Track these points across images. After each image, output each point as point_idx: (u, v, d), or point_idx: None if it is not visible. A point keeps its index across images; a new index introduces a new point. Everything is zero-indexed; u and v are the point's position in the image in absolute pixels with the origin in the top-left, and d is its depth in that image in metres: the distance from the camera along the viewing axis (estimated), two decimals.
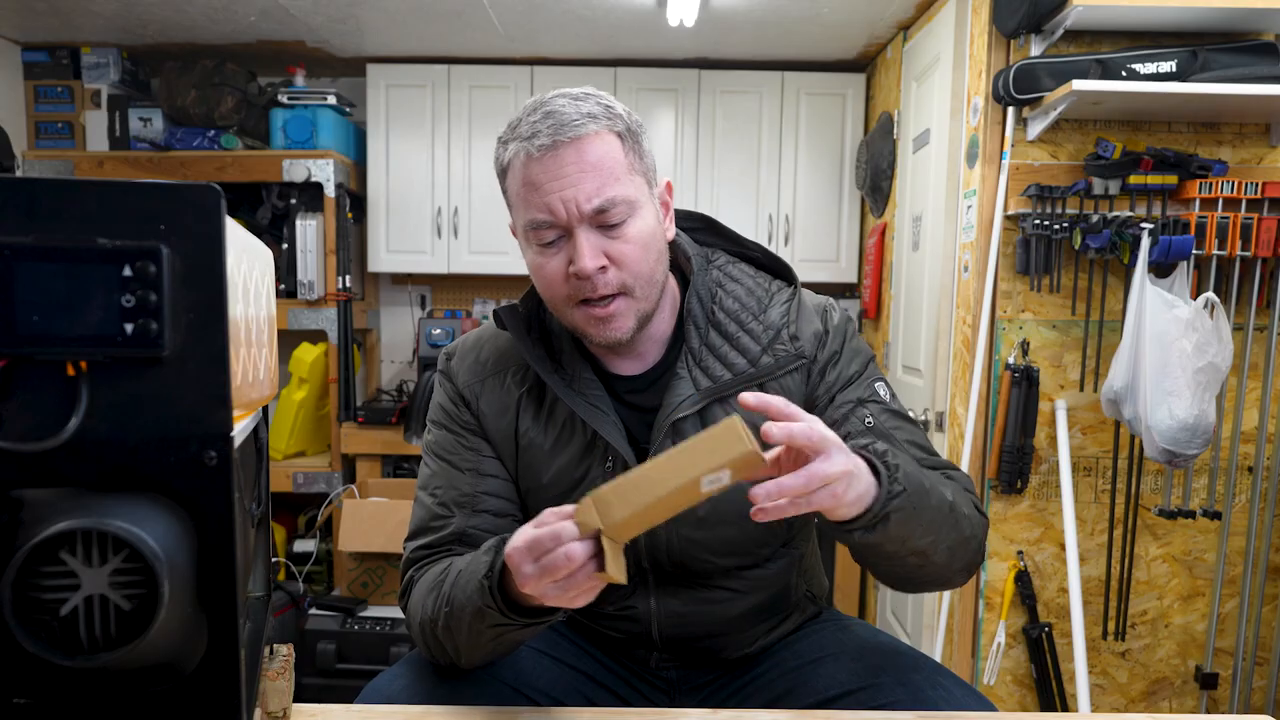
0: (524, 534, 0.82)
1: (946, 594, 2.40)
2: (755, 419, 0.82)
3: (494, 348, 1.14)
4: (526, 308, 1.12)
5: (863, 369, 1.11)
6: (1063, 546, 2.23)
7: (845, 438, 1.04)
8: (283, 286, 3.16)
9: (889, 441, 1.03)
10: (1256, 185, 2.08)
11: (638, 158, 1.02)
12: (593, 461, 1.06)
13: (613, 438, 1.04)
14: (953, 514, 0.96)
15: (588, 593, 0.81)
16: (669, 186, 1.09)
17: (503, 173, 1.03)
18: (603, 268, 0.98)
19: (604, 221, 0.98)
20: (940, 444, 2.50)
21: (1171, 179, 2.09)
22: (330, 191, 3.12)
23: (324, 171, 3.10)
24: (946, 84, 2.47)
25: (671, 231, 1.09)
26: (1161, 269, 2.09)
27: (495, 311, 1.09)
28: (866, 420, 1.06)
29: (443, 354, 1.17)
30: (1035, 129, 2.16)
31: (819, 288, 1.17)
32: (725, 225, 1.17)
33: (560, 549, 0.79)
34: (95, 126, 3.17)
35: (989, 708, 1.00)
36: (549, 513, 0.83)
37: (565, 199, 0.96)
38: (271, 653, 0.88)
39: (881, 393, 1.10)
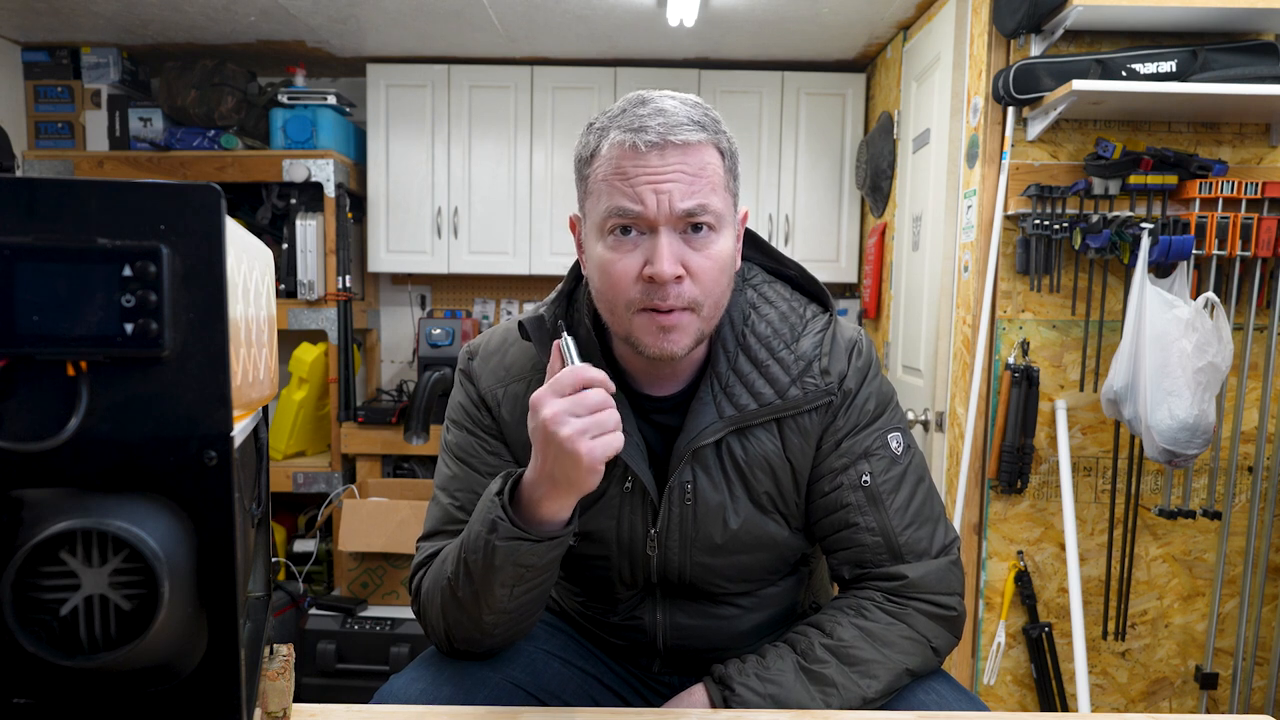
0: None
1: None
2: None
3: (518, 352, 1.10)
4: (553, 314, 1.06)
5: (878, 414, 1.07)
6: (1063, 546, 2.23)
7: (836, 490, 1.05)
8: (283, 286, 3.16)
9: (876, 507, 1.04)
10: (1256, 185, 2.08)
11: (732, 178, 1.00)
12: (611, 481, 1.04)
13: (634, 461, 1.02)
14: (827, 694, 0.99)
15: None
16: (745, 216, 1.05)
17: (588, 158, 0.98)
18: (679, 278, 0.94)
19: (690, 230, 0.95)
20: (940, 444, 2.50)
21: (1171, 179, 2.09)
22: (330, 191, 3.12)
23: (324, 171, 3.10)
24: (946, 84, 2.47)
25: (739, 261, 1.05)
26: (1161, 269, 2.09)
27: (520, 323, 1.06)
28: (863, 479, 1.04)
29: (464, 352, 1.14)
30: (1035, 129, 2.16)
31: None
32: (764, 239, 1.13)
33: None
34: (95, 126, 3.17)
35: (980, 707, 1.00)
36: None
37: (660, 192, 0.93)
38: (271, 653, 0.88)
39: (893, 444, 1.06)
